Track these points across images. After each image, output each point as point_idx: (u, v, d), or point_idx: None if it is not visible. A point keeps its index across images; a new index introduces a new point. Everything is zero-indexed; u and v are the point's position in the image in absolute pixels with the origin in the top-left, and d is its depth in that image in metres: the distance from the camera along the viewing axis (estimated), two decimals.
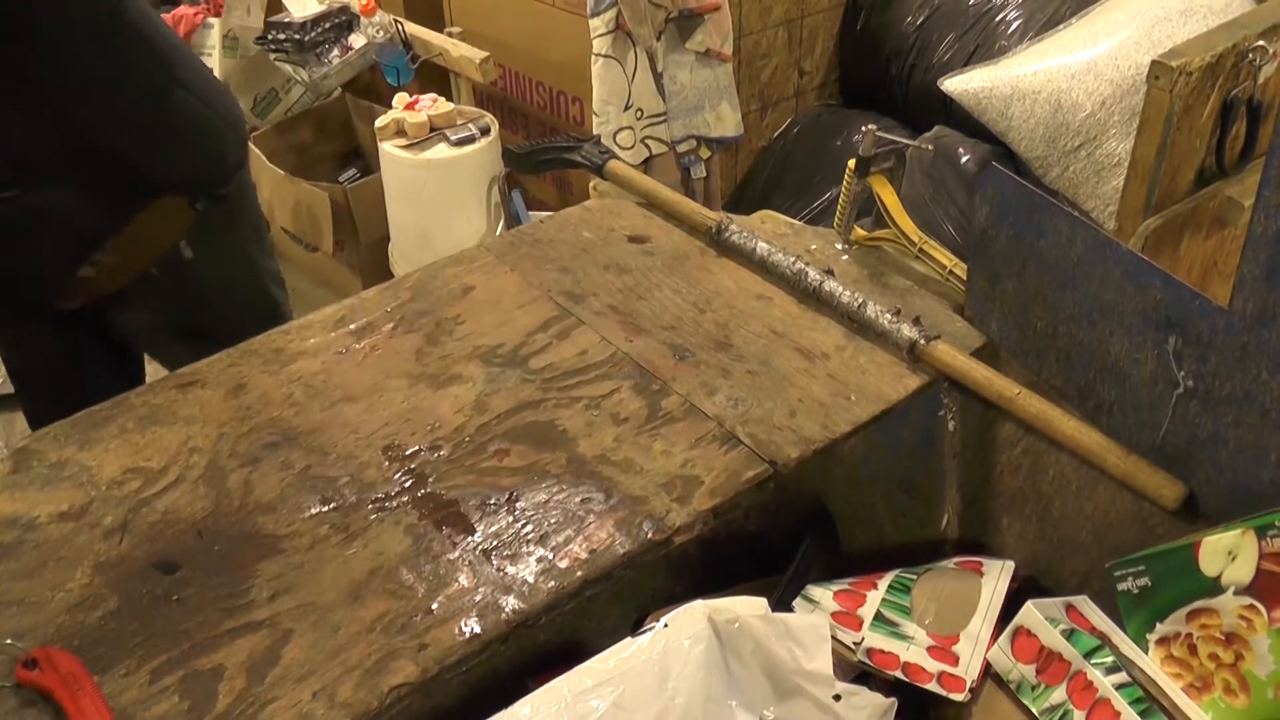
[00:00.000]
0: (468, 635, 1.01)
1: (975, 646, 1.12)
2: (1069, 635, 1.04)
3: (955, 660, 1.12)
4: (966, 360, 1.25)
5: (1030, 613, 1.07)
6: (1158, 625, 1.05)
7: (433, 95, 2.95)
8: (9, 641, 1.00)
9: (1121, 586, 1.08)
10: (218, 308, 1.85)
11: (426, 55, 3.10)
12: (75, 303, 1.72)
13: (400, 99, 2.94)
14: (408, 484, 1.16)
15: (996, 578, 1.20)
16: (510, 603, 1.04)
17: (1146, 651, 1.06)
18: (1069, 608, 1.10)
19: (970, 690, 1.09)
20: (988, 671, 1.11)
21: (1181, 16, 2.30)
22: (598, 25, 2.56)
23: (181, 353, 1.85)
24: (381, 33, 3.14)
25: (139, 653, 1.00)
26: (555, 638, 1.16)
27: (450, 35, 3.13)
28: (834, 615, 1.16)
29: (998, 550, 1.32)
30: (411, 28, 3.15)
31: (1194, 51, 1.78)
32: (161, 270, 1.72)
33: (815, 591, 1.20)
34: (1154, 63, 1.75)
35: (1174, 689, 1.04)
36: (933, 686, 1.10)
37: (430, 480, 1.17)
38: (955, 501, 1.34)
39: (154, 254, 1.69)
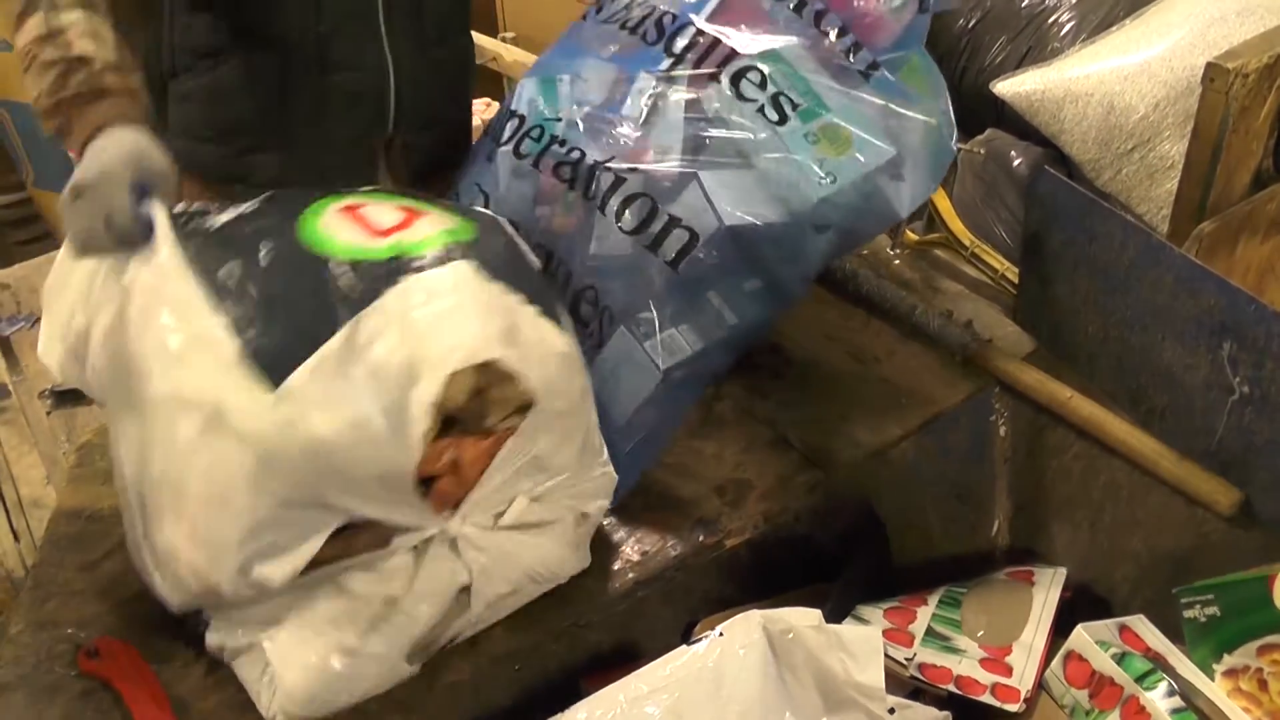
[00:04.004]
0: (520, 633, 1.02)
1: (1029, 656, 1.10)
2: (1120, 659, 1.01)
3: (1009, 671, 1.10)
4: (1018, 364, 1.25)
5: (1080, 637, 1.05)
6: (1225, 656, 1.03)
7: (486, 99, 2.97)
8: (71, 630, 1.02)
9: (1188, 614, 1.05)
10: None
11: (480, 60, 3.12)
12: None
13: None
14: None
15: (1048, 586, 1.18)
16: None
17: (1212, 679, 1.04)
18: (1123, 629, 1.08)
19: (1025, 700, 1.07)
20: (1043, 685, 1.09)
21: (1238, 17, 2.27)
22: None
23: None
24: None
25: (195, 644, 1.01)
26: (607, 638, 1.16)
27: (504, 40, 3.15)
28: (885, 633, 1.14)
29: (1048, 556, 1.31)
30: None
31: (1251, 53, 1.75)
32: None
33: (865, 611, 1.18)
34: (1209, 64, 1.73)
35: (1237, 713, 1.01)
36: (986, 698, 1.08)
37: None
38: (1006, 507, 1.33)
39: None
